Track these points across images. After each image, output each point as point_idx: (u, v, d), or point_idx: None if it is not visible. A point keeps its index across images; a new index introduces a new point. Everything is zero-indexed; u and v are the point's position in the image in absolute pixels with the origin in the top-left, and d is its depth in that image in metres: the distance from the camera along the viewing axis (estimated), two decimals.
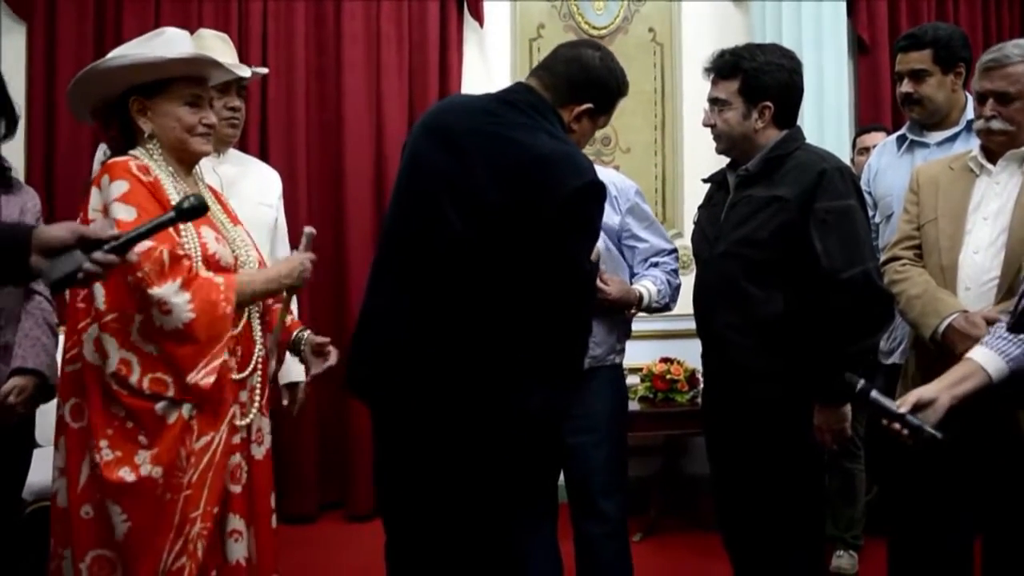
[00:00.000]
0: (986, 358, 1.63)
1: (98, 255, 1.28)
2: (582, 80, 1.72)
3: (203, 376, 1.55)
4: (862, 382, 1.62)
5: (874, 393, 1.61)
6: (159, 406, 1.53)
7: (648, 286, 2.18)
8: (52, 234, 1.29)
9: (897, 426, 1.58)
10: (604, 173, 2.26)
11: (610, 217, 2.17)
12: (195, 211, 1.45)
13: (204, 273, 1.59)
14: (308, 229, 1.88)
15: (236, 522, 1.64)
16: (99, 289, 1.55)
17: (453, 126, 1.69)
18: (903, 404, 1.59)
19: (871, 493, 3.06)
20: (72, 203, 2.89)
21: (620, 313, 2.16)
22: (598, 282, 2.01)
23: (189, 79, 1.67)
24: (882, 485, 3.02)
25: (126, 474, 1.52)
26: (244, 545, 1.65)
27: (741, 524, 2.03)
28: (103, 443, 1.53)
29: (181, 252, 1.57)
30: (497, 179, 1.59)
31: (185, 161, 1.72)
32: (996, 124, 1.87)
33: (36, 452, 2.65)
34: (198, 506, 1.54)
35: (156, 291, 1.53)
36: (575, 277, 1.66)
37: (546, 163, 1.59)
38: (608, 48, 1.84)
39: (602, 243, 2.12)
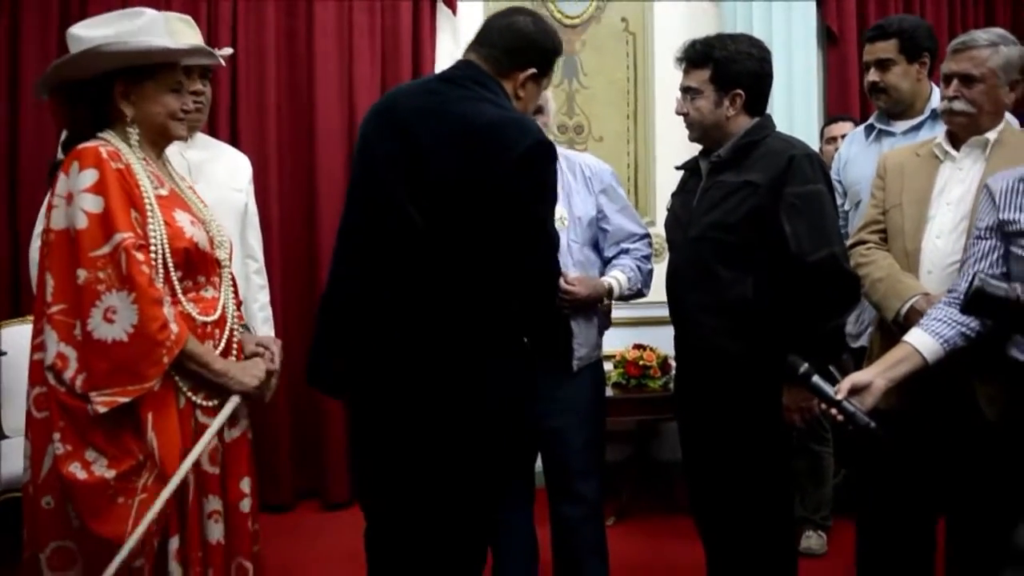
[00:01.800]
0: (921, 341, 1.69)
1: None
2: (521, 47, 1.73)
3: (100, 401, 1.48)
4: (805, 365, 1.67)
5: (814, 378, 1.66)
6: (89, 408, 1.49)
7: (617, 276, 2.18)
8: None
9: (834, 411, 1.63)
10: (578, 157, 2.28)
11: (584, 200, 2.18)
12: None
13: (167, 308, 1.53)
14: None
15: (215, 503, 1.63)
16: (50, 280, 1.53)
17: (398, 110, 1.71)
18: (840, 390, 1.64)
19: (838, 475, 3.13)
20: (36, 189, 2.85)
21: (594, 308, 2.17)
22: (563, 283, 2.03)
23: (173, 65, 1.65)
24: (849, 467, 3.10)
25: (77, 471, 1.49)
26: (223, 526, 1.64)
27: (712, 506, 2.06)
28: (56, 436, 1.51)
29: (141, 256, 1.52)
30: (446, 155, 1.60)
31: (160, 145, 1.70)
32: (958, 105, 1.91)
33: (5, 443, 2.62)
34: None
35: (110, 297, 1.49)
36: (541, 239, 1.66)
37: (492, 129, 1.60)
38: (539, 16, 1.83)
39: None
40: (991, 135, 1.92)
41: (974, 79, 1.90)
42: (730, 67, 1.94)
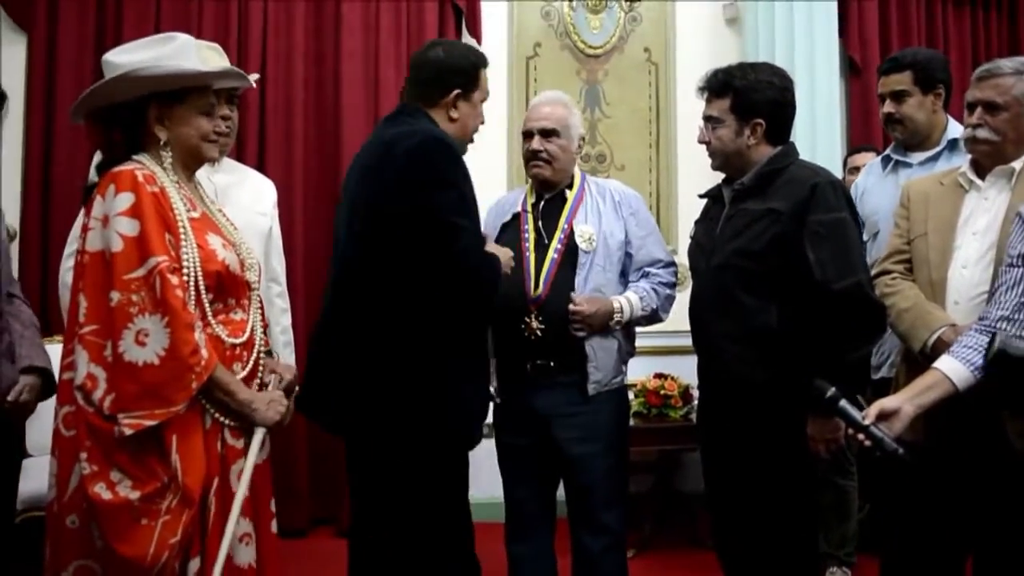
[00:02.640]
0: (951, 368, 1.66)
1: None
2: (436, 75, 1.90)
3: (126, 423, 1.48)
4: (832, 390, 1.65)
5: (842, 402, 1.64)
6: (116, 430, 1.48)
7: (629, 296, 2.16)
8: None
9: (861, 436, 1.61)
10: (608, 183, 2.30)
11: (612, 225, 2.19)
12: None
13: (198, 333, 1.54)
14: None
15: (245, 525, 1.63)
16: (83, 300, 1.54)
17: (358, 155, 1.95)
18: (868, 415, 1.62)
19: (863, 511, 3.06)
20: (69, 210, 2.91)
21: (610, 330, 2.13)
22: (571, 306, 2.06)
23: (205, 89, 1.68)
24: (874, 502, 3.03)
25: (102, 491, 1.49)
26: (253, 549, 1.63)
27: (735, 540, 2.03)
28: (82, 455, 1.52)
29: (175, 280, 1.53)
30: (368, 180, 1.82)
31: (191, 168, 1.73)
32: (982, 133, 1.90)
33: (28, 461, 2.64)
34: (175, 532, 1.50)
35: (143, 320, 1.50)
36: (448, 228, 1.74)
37: (394, 141, 1.79)
38: (453, 42, 2.14)
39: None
40: (1017, 164, 1.90)
41: (998, 107, 1.89)
42: (750, 96, 1.94)
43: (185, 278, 1.57)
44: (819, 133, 3.69)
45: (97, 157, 1.75)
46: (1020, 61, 1.92)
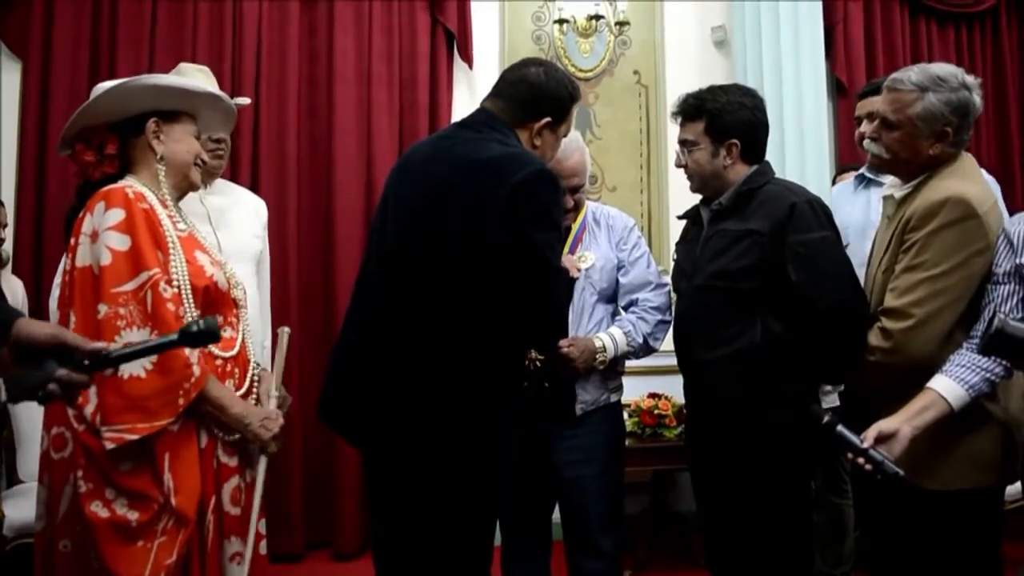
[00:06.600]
0: (946, 387, 1.65)
1: (75, 376, 1.17)
2: (533, 98, 1.76)
3: (109, 436, 1.47)
4: (829, 414, 1.65)
5: (839, 427, 1.63)
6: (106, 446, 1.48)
7: (613, 333, 2.13)
8: (33, 333, 1.18)
9: (861, 460, 1.60)
10: (603, 208, 2.31)
11: (606, 250, 2.20)
12: (202, 336, 1.31)
13: (189, 351, 1.53)
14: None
15: (237, 544, 1.62)
16: (72, 316, 1.54)
17: (412, 158, 1.77)
18: (866, 438, 1.61)
19: (859, 529, 3.05)
20: (62, 237, 2.90)
21: (593, 369, 2.11)
22: (564, 348, 2.02)
23: (192, 116, 1.73)
24: (867, 522, 3.02)
25: (98, 509, 1.48)
26: (245, 569, 1.63)
27: (729, 560, 2.02)
28: (79, 473, 1.51)
29: (168, 293, 1.54)
30: (450, 195, 1.63)
31: (181, 189, 1.75)
32: (873, 147, 1.84)
33: (20, 487, 2.63)
34: (171, 553, 1.50)
35: (131, 334, 1.50)
36: (544, 269, 1.64)
37: (493, 163, 1.63)
38: (552, 65, 1.87)
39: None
40: (899, 192, 1.85)
41: (892, 125, 1.78)
42: (723, 118, 1.97)
43: (175, 291, 1.57)
44: (808, 154, 3.72)
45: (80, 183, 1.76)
46: (928, 75, 1.76)
